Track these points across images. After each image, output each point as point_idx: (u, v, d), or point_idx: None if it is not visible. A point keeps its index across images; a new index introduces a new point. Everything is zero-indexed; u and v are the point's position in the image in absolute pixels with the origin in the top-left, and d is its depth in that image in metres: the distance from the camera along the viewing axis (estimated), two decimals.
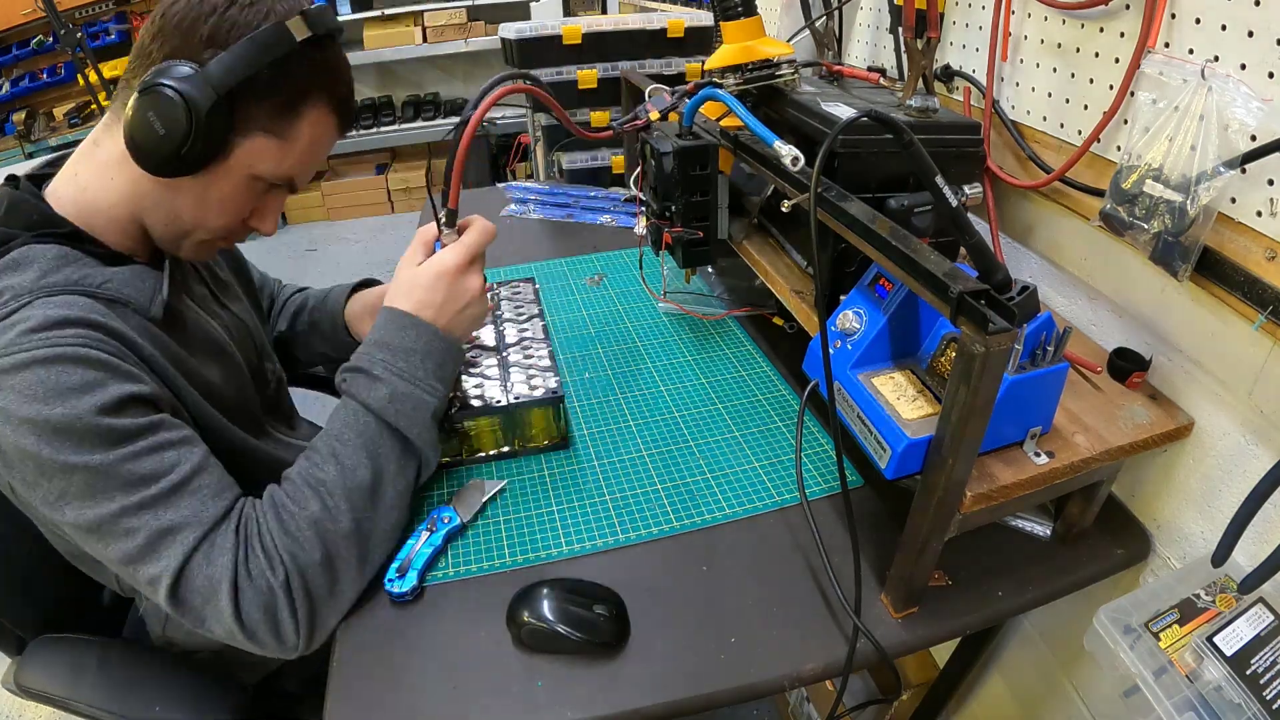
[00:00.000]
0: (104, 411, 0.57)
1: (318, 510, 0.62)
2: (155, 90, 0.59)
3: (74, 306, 0.60)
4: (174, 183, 0.64)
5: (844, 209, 0.61)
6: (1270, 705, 0.53)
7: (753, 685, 0.60)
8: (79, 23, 3.12)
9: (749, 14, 0.77)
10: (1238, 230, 0.60)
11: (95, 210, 0.67)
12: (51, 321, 0.58)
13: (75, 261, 0.64)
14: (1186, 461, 0.70)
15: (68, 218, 0.65)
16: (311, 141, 0.68)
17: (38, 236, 0.64)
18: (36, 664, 0.80)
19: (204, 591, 0.58)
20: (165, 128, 0.59)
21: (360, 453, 0.65)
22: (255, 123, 0.64)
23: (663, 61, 1.67)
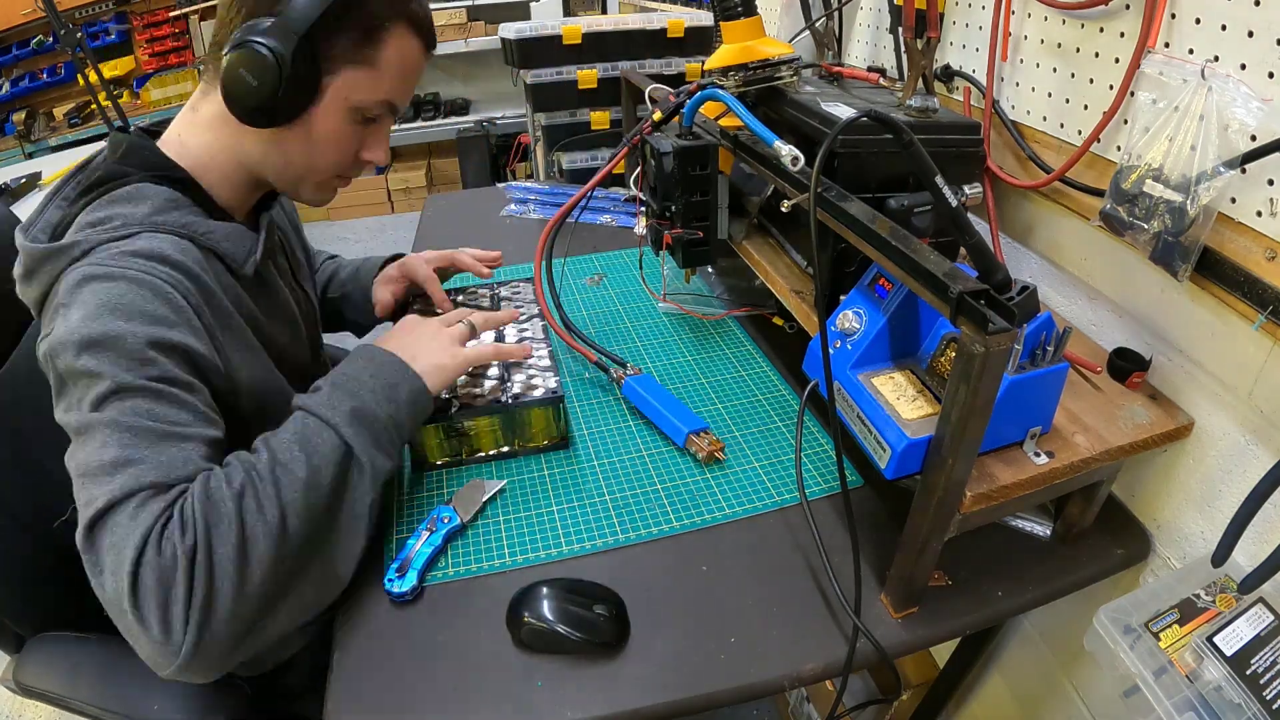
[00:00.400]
0: (157, 346, 0.59)
1: (240, 485, 0.57)
2: (241, 46, 0.62)
3: (176, 247, 0.64)
4: (278, 133, 0.68)
5: (844, 209, 0.61)
6: (1270, 705, 0.53)
7: (753, 685, 0.60)
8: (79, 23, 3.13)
9: (749, 14, 0.77)
10: (1238, 230, 0.60)
11: (203, 165, 0.71)
12: (151, 252, 0.62)
13: (184, 207, 0.68)
14: (1186, 461, 0.70)
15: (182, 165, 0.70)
16: (401, 63, 0.69)
17: (154, 179, 0.67)
18: (35, 662, 0.80)
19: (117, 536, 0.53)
20: (257, 79, 0.62)
21: (294, 446, 0.60)
22: (341, 57, 0.66)
23: (663, 61, 1.67)
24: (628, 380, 0.89)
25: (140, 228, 0.64)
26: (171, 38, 3.39)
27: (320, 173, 0.74)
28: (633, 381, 0.88)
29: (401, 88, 0.72)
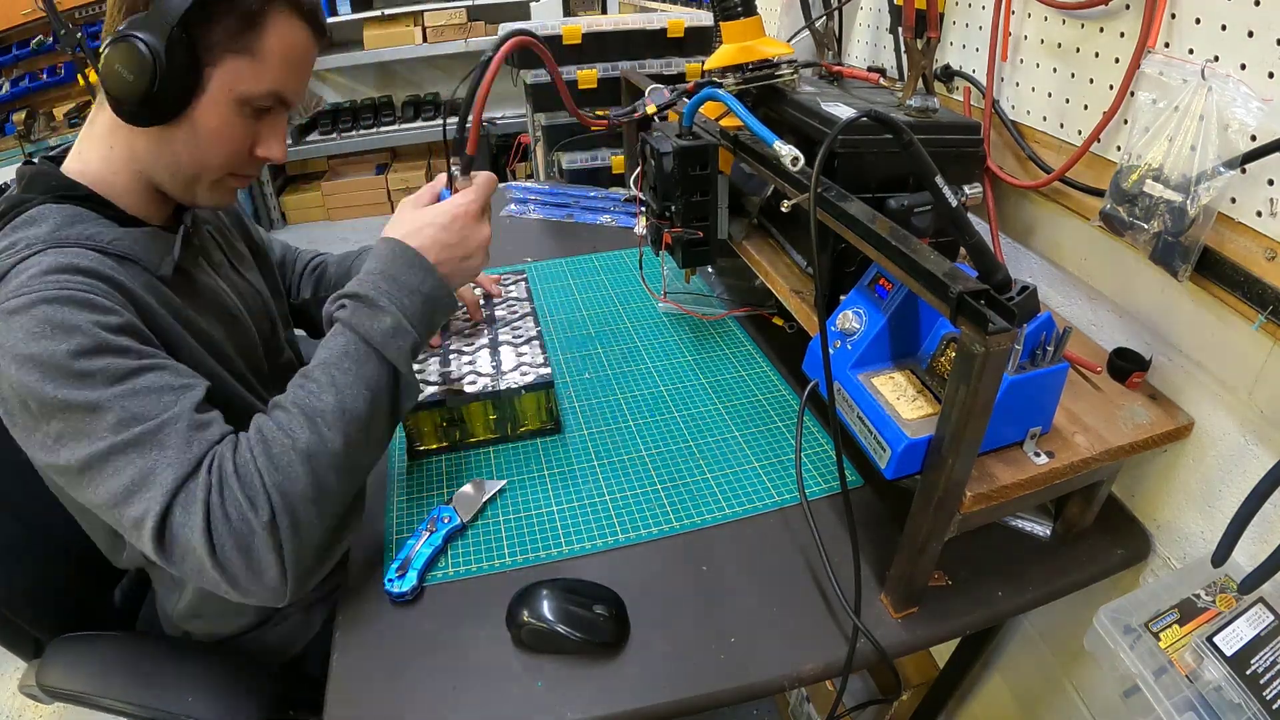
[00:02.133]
0: (103, 348, 0.58)
1: (310, 439, 0.60)
2: (114, 43, 0.61)
3: (83, 257, 0.62)
4: (166, 132, 0.65)
5: (844, 209, 0.61)
6: (1270, 705, 0.53)
7: (753, 685, 0.60)
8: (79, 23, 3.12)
9: (749, 14, 0.77)
10: (1238, 230, 0.60)
11: (104, 179, 0.69)
12: (60, 266, 0.60)
13: (88, 220, 0.66)
14: (1186, 461, 0.70)
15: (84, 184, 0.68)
16: (285, 51, 0.66)
17: (55, 199, 0.66)
18: (59, 663, 0.80)
19: (181, 534, 0.56)
20: (133, 74, 0.60)
21: (359, 384, 0.63)
22: (220, 46, 0.63)
23: (663, 61, 1.67)
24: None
25: (44, 245, 0.62)
26: None
27: (213, 170, 0.70)
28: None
29: (288, 77, 0.68)
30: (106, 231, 0.66)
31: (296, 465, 0.59)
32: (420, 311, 0.67)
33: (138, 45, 0.60)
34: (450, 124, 0.76)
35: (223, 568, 0.57)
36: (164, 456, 0.57)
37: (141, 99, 0.62)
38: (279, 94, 0.68)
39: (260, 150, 0.71)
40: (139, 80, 0.61)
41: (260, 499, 0.57)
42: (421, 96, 3.86)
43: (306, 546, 0.59)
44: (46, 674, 0.79)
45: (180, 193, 0.72)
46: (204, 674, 0.78)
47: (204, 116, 0.66)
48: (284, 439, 0.60)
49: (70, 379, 0.57)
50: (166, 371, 0.61)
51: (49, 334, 0.57)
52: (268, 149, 0.71)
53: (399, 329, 0.65)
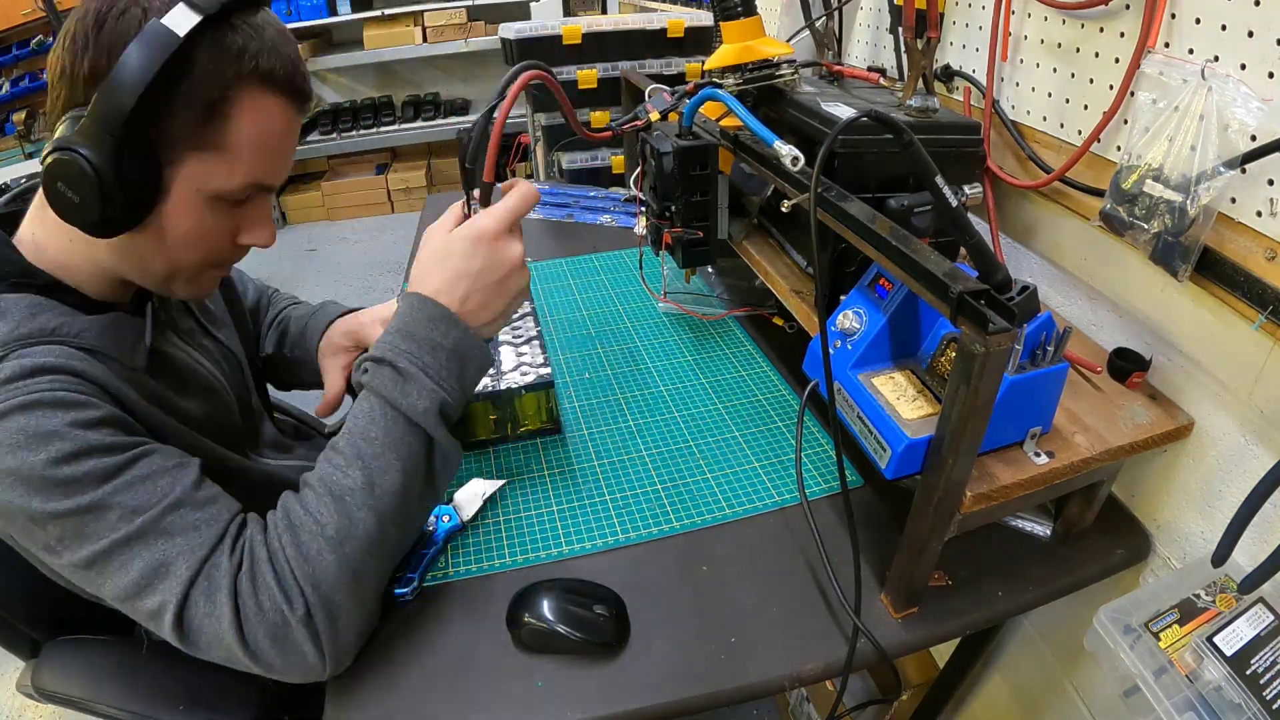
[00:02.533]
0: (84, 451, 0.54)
1: (339, 524, 0.56)
2: (51, 159, 0.53)
3: (50, 355, 0.56)
4: (130, 238, 0.58)
5: (844, 209, 0.61)
6: (1270, 705, 0.53)
7: (753, 685, 0.60)
8: None
9: (749, 14, 0.77)
10: (1238, 230, 0.60)
11: (64, 266, 0.62)
12: (26, 370, 0.54)
13: (50, 310, 0.59)
14: (1186, 461, 0.70)
15: (41, 268, 0.61)
16: (258, 136, 0.58)
17: (11, 287, 0.59)
18: (54, 666, 0.79)
19: (207, 624, 0.54)
20: (78, 194, 0.53)
21: (389, 454, 0.58)
22: (180, 144, 0.56)
23: (663, 61, 1.67)
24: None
25: (4, 350, 0.55)
26: None
27: (188, 269, 0.63)
28: None
29: (267, 163, 0.61)
30: (71, 322, 0.60)
31: (326, 554, 0.55)
32: (446, 367, 0.61)
33: (78, 161, 0.52)
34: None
35: (256, 656, 0.55)
36: (173, 545, 0.55)
37: (93, 218, 0.54)
38: (258, 184, 0.61)
39: (244, 239, 0.65)
40: (86, 200, 0.53)
41: (294, 592, 0.54)
42: (421, 96, 3.86)
43: (345, 631, 0.57)
44: (41, 676, 0.78)
45: (154, 288, 0.66)
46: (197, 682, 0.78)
47: (172, 219, 0.59)
48: (312, 525, 0.56)
49: (56, 489, 0.53)
50: (156, 455, 0.57)
51: (26, 444, 0.52)
52: (254, 235, 0.65)
53: (424, 390, 0.60)
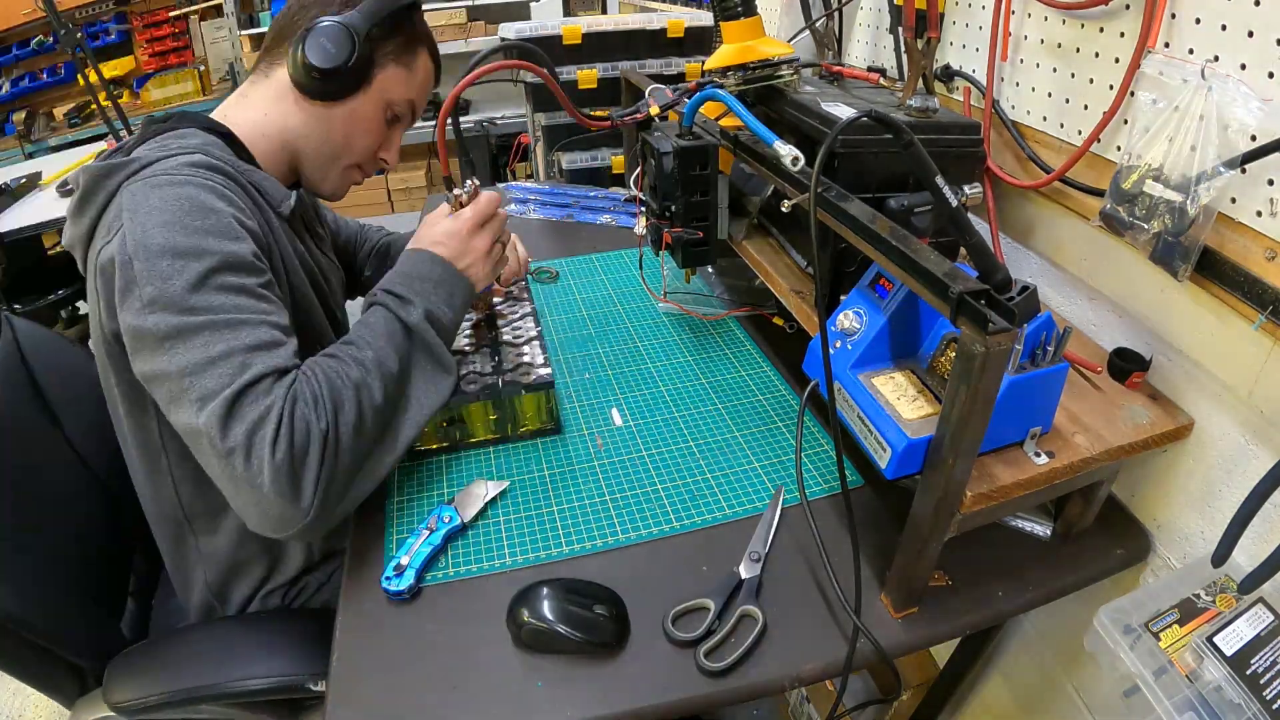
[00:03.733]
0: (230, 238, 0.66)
1: (359, 376, 0.68)
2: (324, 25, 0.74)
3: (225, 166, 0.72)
4: (328, 110, 0.80)
5: (844, 209, 0.61)
6: (1270, 705, 0.53)
7: (753, 685, 0.60)
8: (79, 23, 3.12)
9: (749, 14, 0.77)
10: (1238, 230, 0.60)
11: (246, 135, 0.80)
12: (206, 164, 0.70)
13: (228, 153, 0.76)
14: (1186, 461, 0.70)
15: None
16: (424, 73, 0.85)
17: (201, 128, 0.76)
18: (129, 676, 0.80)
19: (254, 417, 0.61)
20: (336, 48, 0.74)
21: (389, 346, 0.72)
22: (388, 54, 0.80)
23: (663, 61, 1.67)
24: None
25: (192, 150, 0.71)
26: (171, 38, 3.38)
27: (352, 155, 0.84)
28: None
29: (421, 93, 0.85)
30: (240, 163, 0.76)
31: (348, 392, 0.67)
32: (435, 291, 0.77)
33: (344, 29, 0.74)
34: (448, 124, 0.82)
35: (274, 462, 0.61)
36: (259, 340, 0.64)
37: (328, 73, 0.75)
38: (413, 104, 0.85)
39: (383, 152, 0.86)
40: (338, 55, 0.74)
41: (322, 410, 0.64)
42: None
43: (341, 470, 0.65)
44: (116, 691, 0.78)
45: (314, 170, 0.85)
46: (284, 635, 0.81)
47: (362, 107, 0.80)
48: (339, 368, 0.68)
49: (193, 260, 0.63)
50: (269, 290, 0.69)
51: (185, 209, 0.65)
52: (387, 152, 0.87)
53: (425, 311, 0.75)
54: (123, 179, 0.67)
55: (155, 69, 3.44)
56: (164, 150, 0.70)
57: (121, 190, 0.66)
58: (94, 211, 0.68)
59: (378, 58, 0.79)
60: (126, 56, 3.43)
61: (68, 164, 2.33)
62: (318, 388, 0.65)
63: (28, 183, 2.19)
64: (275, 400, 0.62)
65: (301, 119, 0.80)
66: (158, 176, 0.66)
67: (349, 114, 0.80)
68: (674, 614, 0.64)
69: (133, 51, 3.45)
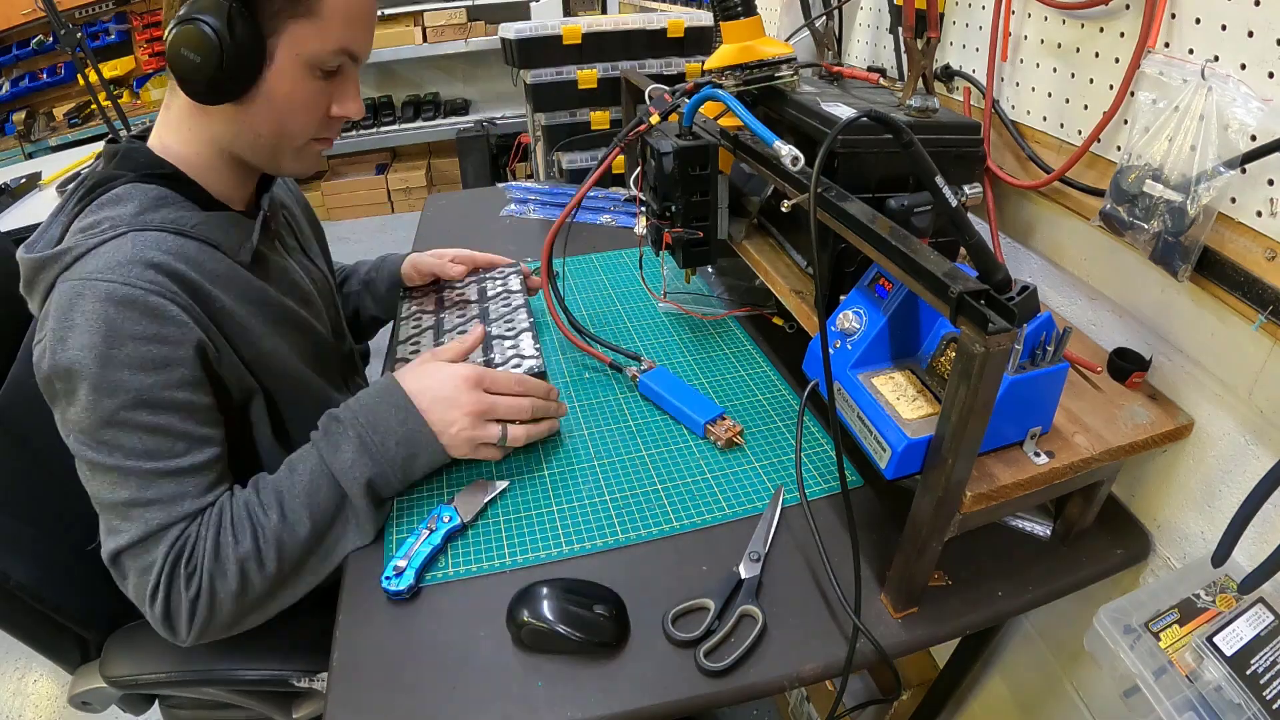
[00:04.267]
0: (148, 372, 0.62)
1: (249, 550, 0.65)
2: (176, 26, 0.62)
3: (162, 246, 0.65)
4: (241, 108, 0.68)
5: (844, 209, 0.61)
6: (1270, 705, 0.53)
7: (753, 685, 0.60)
8: (79, 23, 3.12)
9: (749, 14, 0.77)
10: (1238, 230, 0.60)
11: (187, 159, 0.72)
12: (139, 259, 0.63)
13: (173, 204, 0.69)
14: (1186, 461, 0.70)
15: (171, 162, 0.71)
16: (346, 8, 0.67)
17: (141, 178, 0.69)
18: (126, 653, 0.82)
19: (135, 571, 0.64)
20: (199, 55, 0.62)
21: (303, 511, 0.67)
22: (281, 13, 0.64)
23: (663, 61, 1.67)
24: (642, 378, 0.89)
25: (127, 227, 0.64)
26: None
27: (294, 138, 0.72)
28: (647, 379, 0.89)
29: (353, 32, 0.69)
30: (189, 216, 0.69)
31: (231, 566, 0.64)
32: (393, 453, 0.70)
33: (200, 26, 0.61)
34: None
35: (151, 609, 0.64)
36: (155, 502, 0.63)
37: (211, 80, 0.63)
38: (347, 50, 0.69)
39: (336, 109, 0.72)
40: (206, 62, 0.62)
41: (195, 580, 0.64)
42: (421, 96, 3.86)
43: (215, 626, 0.66)
44: (113, 665, 0.81)
45: (265, 163, 0.75)
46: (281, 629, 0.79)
47: (276, 86, 0.67)
48: (230, 539, 0.65)
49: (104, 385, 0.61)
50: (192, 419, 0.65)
51: (104, 333, 0.60)
52: (344, 107, 0.72)
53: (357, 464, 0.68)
54: (56, 274, 0.64)
55: (155, 69, 3.44)
56: (96, 235, 0.64)
57: (57, 286, 0.63)
58: (39, 299, 0.66)
59: (267, 25, 0.64)
60: (126, 56, 3.43)
61: (68, 164, 2.33)
62: (201, 555, 0.64)
63: (28, 183, 2.19)
64: (155, 561, 0.63)
65: (221, 125, 0.70)
66: (86, 283, 0.61)
67: (266, 101, 0.68)
68: (674, 614, 0.64)
69: (133, 51, 3.45)
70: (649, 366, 0.91)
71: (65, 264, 0.63)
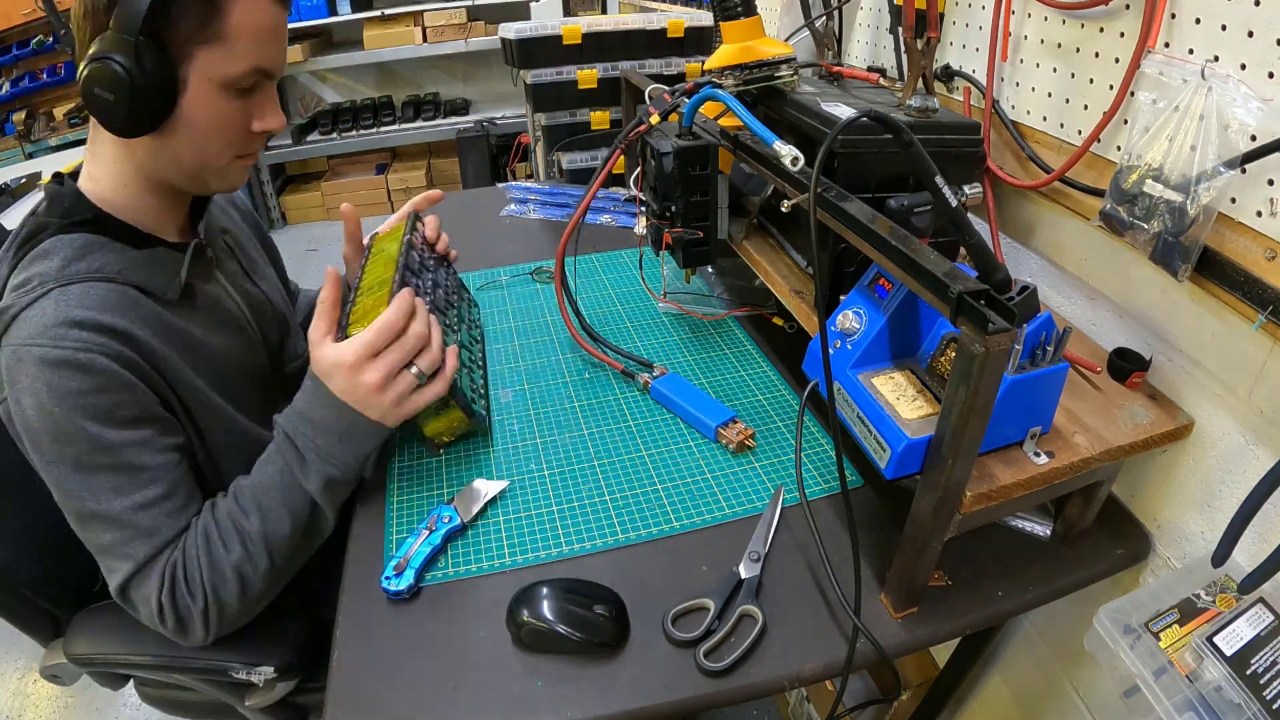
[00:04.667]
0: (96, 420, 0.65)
1: (240, 555, 0.69)
2: (87, 70, 0.63)
3: (85, 302, 0.66)
4: (161, 137, 0.68)
5: (844, 209, 0.61)
6: (1270, 705, 0.53)
7: (753, 685, 0.60)
8: None
9: (749, 14, 0.77)
10: (1238, 230, 0.60)
11: (116, 194, 0.72)
12: (63, 320, 0.64)
13: (99, 249, 0.70)
14: (1186, 461, 0.70)
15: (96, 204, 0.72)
16: (253, 27, 0.67)
17: (67, 226, 0.70)
18: (86, 632, 0.83)
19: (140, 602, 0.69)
20: (111, 92, 0.63)
21: (283, 510, 0.71)
22: (188, 41, 0.64)
23: (663, 61, 1.67)
24: (654, 384, 0.90)
25: (53, 284, 0.66)
26: None
27: (217, 158, 0.72)
28: (659, 384, 0.90)
29: (263, 49, 0.69)
30: (115, 260, 0.70)
31: (229, 573, 0.69)
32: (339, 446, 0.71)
33: (110, 65, 0.62)
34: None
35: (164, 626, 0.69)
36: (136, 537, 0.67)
37: (127, 115, 0.64)
38: (259, 68, 0.69)
39: (257, 125, 0.73)
40: (120, 98, 0.63)
41: (199, 593, 0.68)
42: (421, 96, 3.86)
43: (229, 623, 0.71)
44: (74, 644, 0.82)
45: (191, 186, 0.76)
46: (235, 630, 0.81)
47: (194, 112, 0.68)
48: (221, 550, 0.69)
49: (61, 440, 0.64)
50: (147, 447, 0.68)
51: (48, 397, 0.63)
52: (264, 122, 0.73)
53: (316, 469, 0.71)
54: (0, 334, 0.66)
55: None
56: (25, 294, 0.65)
57: (2, 348, 0.65)
58: None
59: (176, 55, 0.64)
60: None
61: (67, 164, 2.33)
62: (196, 572, 0.68)
63: (28, 183, 2.19)
64: (152, 590, 0.67)
65: (145, 156, 0.71)
66: (21, 349, 0.63)
67: (185, 127, 0.68)
68: (674, 614, 0.64)
69: None
70: (661, 373, 0.92)
71: (4, 324, 0.65)
